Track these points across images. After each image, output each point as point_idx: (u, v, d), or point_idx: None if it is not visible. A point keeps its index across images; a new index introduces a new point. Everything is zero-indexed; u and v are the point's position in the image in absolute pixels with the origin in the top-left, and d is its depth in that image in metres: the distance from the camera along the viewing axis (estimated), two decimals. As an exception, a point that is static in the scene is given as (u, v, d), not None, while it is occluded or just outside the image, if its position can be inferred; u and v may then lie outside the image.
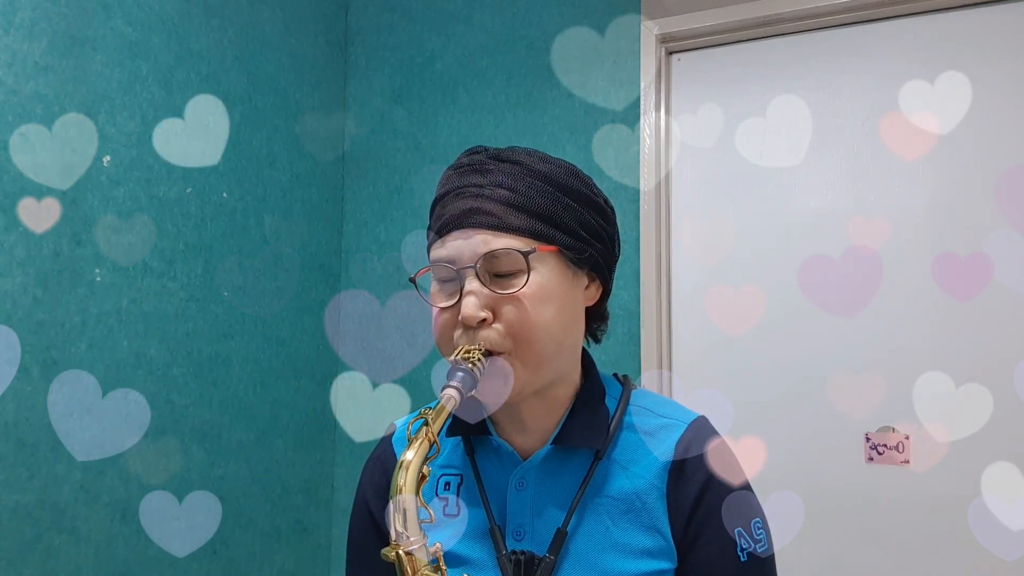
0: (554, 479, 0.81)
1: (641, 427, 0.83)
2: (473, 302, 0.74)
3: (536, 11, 2.03)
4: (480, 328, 0.75)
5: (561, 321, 0.78)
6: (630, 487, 0.79)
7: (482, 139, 2.05)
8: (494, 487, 0.82)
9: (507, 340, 0.75)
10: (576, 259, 0.79)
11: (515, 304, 0.75)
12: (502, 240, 0.75)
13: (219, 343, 1.79)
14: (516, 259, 0.75)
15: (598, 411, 0.83)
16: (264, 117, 1.95)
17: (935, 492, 1.59)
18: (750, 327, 1.77)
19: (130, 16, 1.62)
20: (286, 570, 1.96)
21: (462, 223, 0.77)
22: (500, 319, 0.75)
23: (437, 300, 0.79)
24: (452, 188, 0.80)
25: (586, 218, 0.80)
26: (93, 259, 1.53)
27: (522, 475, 0.81)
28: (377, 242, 2.16)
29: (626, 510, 0.79)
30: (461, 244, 0.76)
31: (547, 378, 0.79)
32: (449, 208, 0.78)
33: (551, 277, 0.77)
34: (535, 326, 0.75)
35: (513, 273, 0.76)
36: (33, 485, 1.41)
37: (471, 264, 0.75)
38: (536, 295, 0.75)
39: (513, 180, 0.78)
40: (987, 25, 1.64)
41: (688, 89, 1.89)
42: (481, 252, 0.75)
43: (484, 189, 0.77)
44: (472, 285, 0.75)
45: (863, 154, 1.71)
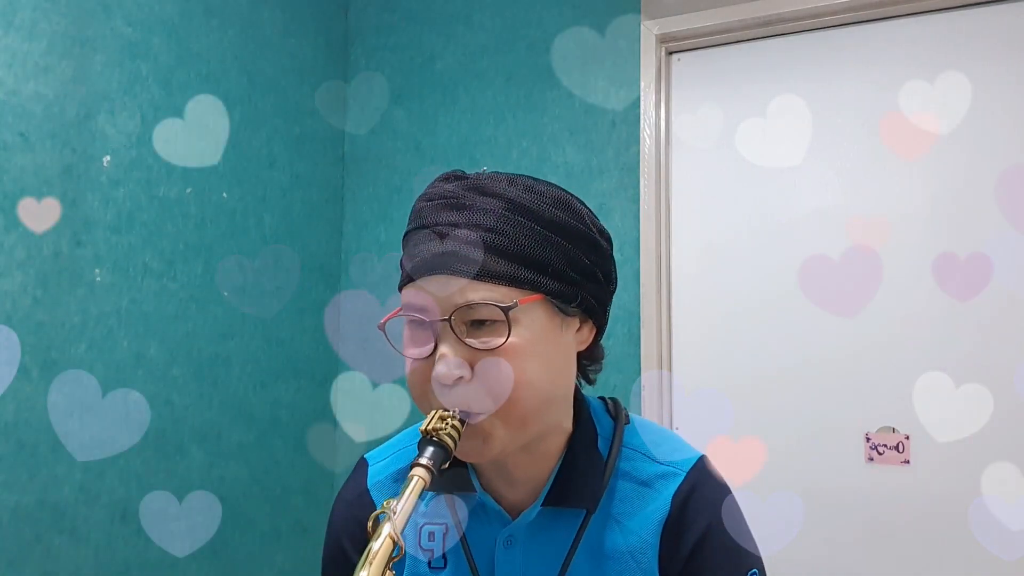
0: (545, 536, 0.76)
1: (636, 475, 0.78)
2: (447, 362, 0.66)
3: (536, 11, 2.03)
4: (456, 386, 0.67)
5: (548, 375, 0.70)
6: (624, 545, 0.75)
7: (482, 139, 2.06)
8: (480, 543, 0.77)
9: (487, 400, 0.67)
10: (566, 307, 0.71)
11: (495, 361, 0.67)
12: (480, 291, 0.67)
13: (219, 343, 1.79)
14: (494, 313, 0.67)
15: (591, 460, 0.77)
16: (264, 117, 1.95)
17: (935, 492, 1.59)
18: (750, 327, 1.77)
19: (130, 16, 1.62)
20: (286, 570, 1.95)
21: (435, 268, 0.68)
22: (478, 377, 0.67)
23: (409, 349, 0.70)
24: (424, 222, 0.71)
25: (576, 257, 0.71)
26: (93, 259, 1.53)
27: (511, 533, 0.76)
28: (377, 242, 2.16)
29: (621, 570, 0.74)
30: (435, 290, 0.68)
31: (533, 434, 0.72)
32: (422, 248, 0.70)
33: (536, 328, 0.69)
34: (518, 385, 0.67)
35: (494, 322, 0.67)
36: (33, 485, 1.41)
37: (445, 317, 0.67)
38: (519, 351, 0.67)
39: (494, 218, 0.69)
40: (987, 25, 1.64)
41: (688, 89, 1.89)
42: (457, 303, 0.67)
43: (460, 229, 0.68)
44: (447, 340, 0.67)
45: (863, 154, 1.71)
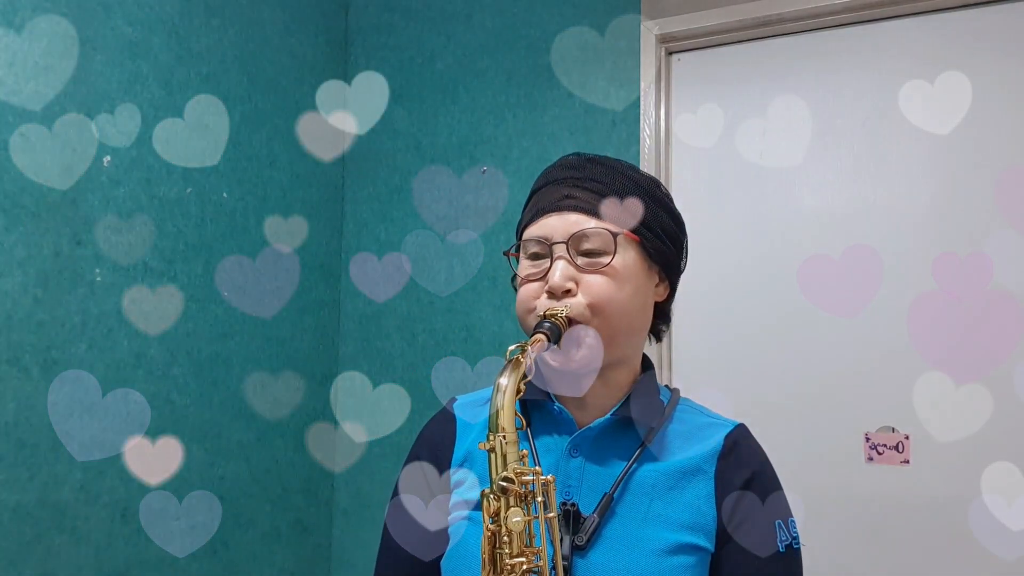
0: (607, 449, 0.86)
1: (692, 421, 0.90)
2: (561, 271, 0.82)
3: (536, 11, 2.03)
4: (564, 297, 0.82)
5: (636, 303, 0.85)
6: (678, 466, 0.85)
7: (482, 139, 2.06)
8: (546, 450, 0.87)
9: (587, 311, 0.82)
10: (653, 253, 0.87)
11: (598, 278, 0.83)
12: (593, 222, 0.84)
13: (219, 343, 1.79)
14: (604, 239, 0.83)
15: (654, 399, 0.89)
16: (264, 117, 1.95)
17: (935, 492, 1.59)
18: (750, 327, 1.77)
19: (130, 16, 1.62)
20: (286, 570, 1.96)
21: (558, 207, 0.86)
22: (583, 291, 0.83)
23: (526, 271, 0.87)
24: (550, 179, 0.89)
25: (666, 223, 0.88)
26: (93, 259, 1.53)
27: (578, 441, 0.86)
28: (377, 242, 2.16)
29: (672, 486, 0.84)
30: (555, 222, 0.85)
31: (615, 355, 0.85)
32: (546, 195, 0.88)
33: (632, 262, 0.85)
34: (614, 301, 0.83)
35: (599, 253, 0.83)
36: (33, 485, 1.41)
37: (563, 240, 0.83)
38: (618, 274, 0.83)
39: (607, 178, 0.87)
40: (987, 25, 1.64)
41: (688, 89, 1.89)
42: (573, 231, 0.84)
43: (581, 181, 0.87)
44: (561, 255, 0.83)
45: (863, 154, 1.71)
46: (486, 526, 0.75)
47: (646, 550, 0.80)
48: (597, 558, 0.80)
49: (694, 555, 0.81)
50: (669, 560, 0.80)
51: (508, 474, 0.74)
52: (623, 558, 0.80)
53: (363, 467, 2.10)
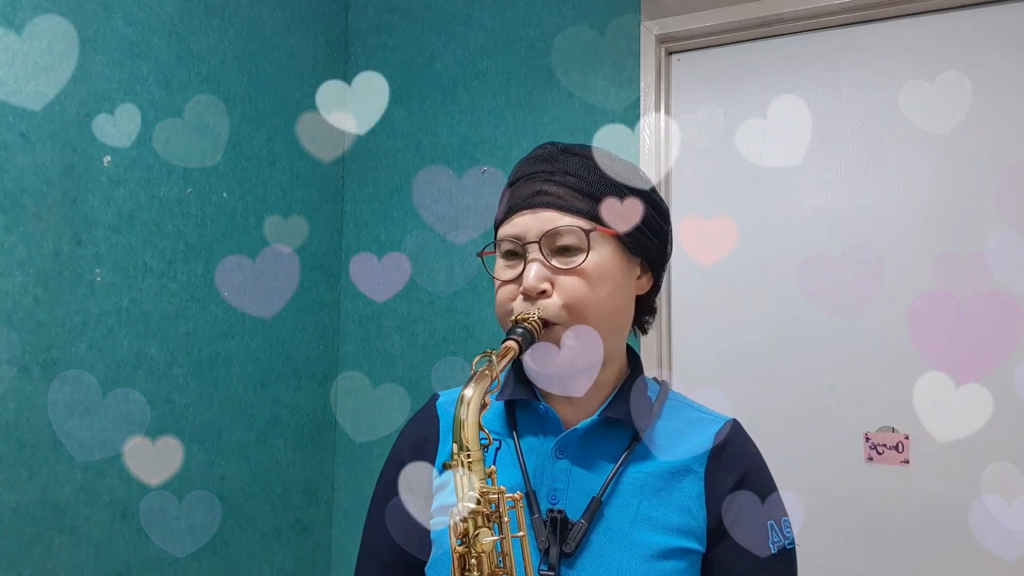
0: (594, 450, 0.84)
1: (681, 416, 0.88)
2: (535, 273, 0.80)
3: (536, 11, 2.03)
4: (539, 299, 0.80)
5: (614, 301, 0.83)
6: (668, 466, 0.83)
7: (482, 139, 2.06)
8: (532, 452, 0.86)
9: (563, 312, 0.80)
10: (632, 246, 0.84)
11: (573, 279, 0.80)
12: (566, 219, 0.81)
13: (219, 343, 1.79)
14: (578, 236, 0.80)
15: (642, 396, 0.87)
16: (264, 117, 1.95)
17: (935, 492, 1.59)
18: (750, 327, 1.77)
19: (130, 16, 1.62)
20: (286, 570, 1.96)
21: (531, 203, 0.83)
22: (558, 292, 0.80)
23: (501, 273, 0.84)
24: (523, 174, 0.87)
25: (645, 213, 0.85)
26: (93, 259, 1.53)
27: (564, 443, 0.85)
28: (377, 242, 2.16)
29: (661, 487, 0.82)
30: (528, 220, 0.82)
31: (596, 355, 0.83)
32: (519, 191, 0.85)
33: (608, 259, 0.82)
34: (590, 301, 0.80)
35: (574, 250, 0.81)
36: (33, 485, 1.41)
37: (535, 239, 0.81)
38: (594, 272, 0.81)
39: (580, 169, 0.84)
40: (987, 25, 1.64)
41: (688, 89, 1.89)
42: (546, 229, 0.81)
43: (553, 175, 0.84)
44: (535, 260, 0.81)
45: (863, 154, 1.71)
46: (454, 548, 0.73)
47: (636, 555, 0.79)
48: (585, 566, 0.79)
49: (684, 559, 0.80)
50: (660, 565, 0.78)
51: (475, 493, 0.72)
52: (612, 565, 0.78)
53: (363, 467, 2.10)
